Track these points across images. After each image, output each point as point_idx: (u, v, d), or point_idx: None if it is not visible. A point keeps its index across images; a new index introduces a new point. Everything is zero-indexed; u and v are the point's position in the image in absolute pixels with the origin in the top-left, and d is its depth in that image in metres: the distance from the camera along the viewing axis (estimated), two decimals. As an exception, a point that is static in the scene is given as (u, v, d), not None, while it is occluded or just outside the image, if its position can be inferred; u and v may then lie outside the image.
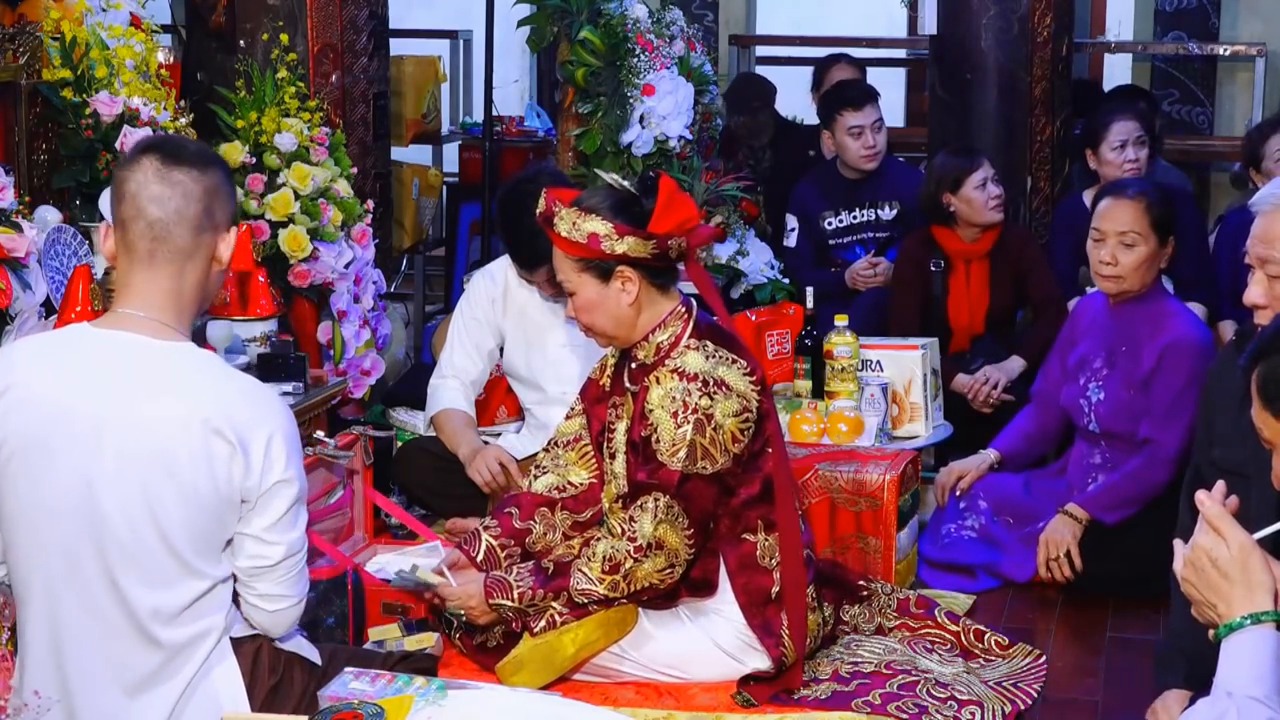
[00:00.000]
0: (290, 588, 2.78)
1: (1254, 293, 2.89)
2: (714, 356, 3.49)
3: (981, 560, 4.40)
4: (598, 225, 3.46)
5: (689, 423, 3.41)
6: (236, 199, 2.84)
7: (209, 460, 2.63)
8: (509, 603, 3.47)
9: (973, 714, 3.44)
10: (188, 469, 2.62)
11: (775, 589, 3.51)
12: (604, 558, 3.44)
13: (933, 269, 5.38)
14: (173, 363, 2.67)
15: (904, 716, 3.42)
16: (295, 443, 2.75)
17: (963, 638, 3.82)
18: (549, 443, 3.85)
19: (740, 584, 3.52)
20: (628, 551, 3.42)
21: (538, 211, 3.53)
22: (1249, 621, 2.20)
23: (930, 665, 3.67)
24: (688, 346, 3.51)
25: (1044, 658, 3.79)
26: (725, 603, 3.54)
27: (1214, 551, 2.25)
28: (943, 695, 3.50)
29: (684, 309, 3.57)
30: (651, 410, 3.45)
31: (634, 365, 3.60)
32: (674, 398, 3.43)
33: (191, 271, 2.72)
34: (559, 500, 3.75)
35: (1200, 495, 2.31)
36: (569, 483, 3.76)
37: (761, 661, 3.51)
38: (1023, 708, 3.54)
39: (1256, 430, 2.38)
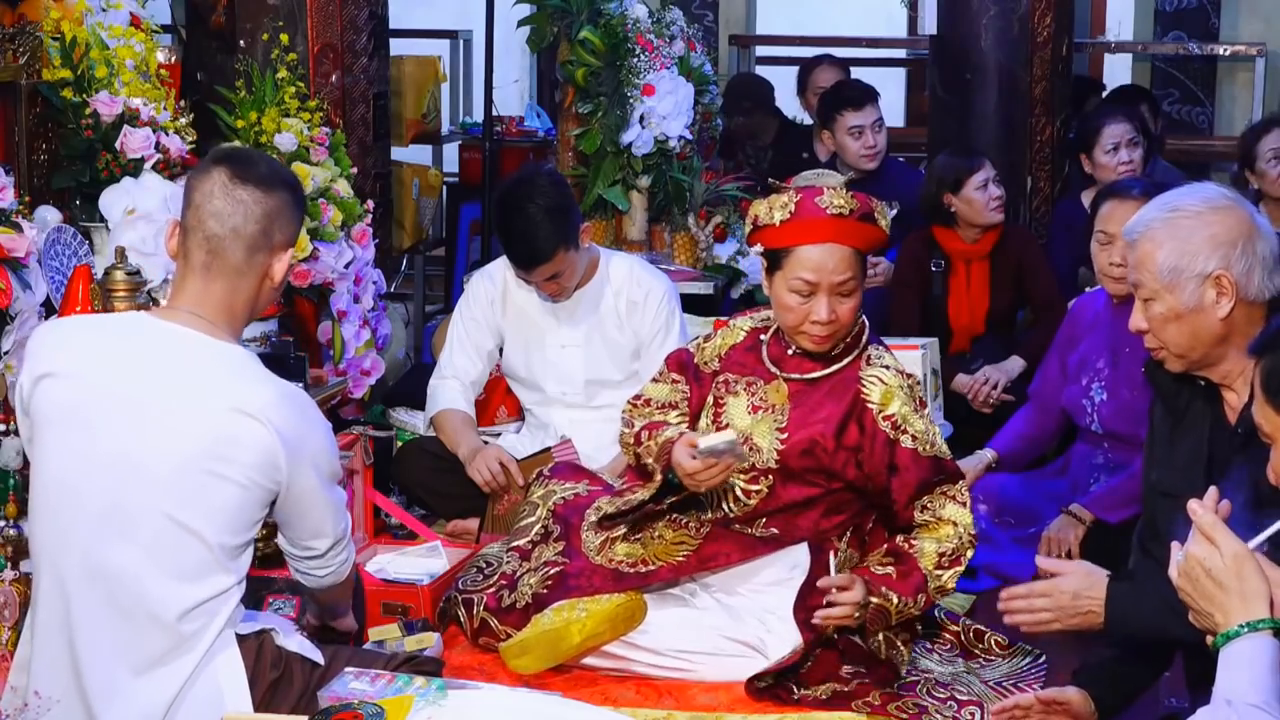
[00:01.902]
0: (336, 564, 2.96)
1: (1135, 319, 2.98)
2: (893, 356, 3.61)
3: (982, 561, 4.40)
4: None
5: (926, 416, 3.52)
6: (302, 219, 2.89)
7: (251, 454, 2.68)
8: (885, 603, 3.43)
9: (972, 714, 3.45)
10: (228, 462, 2.68)
11: None
12: (938, 555, 3.47)
13: (933, 269, 5.38)
14: (221, 358, 2.74)
15: (904, 716, 3.42)
16: (331, 449, 2.84)
17: (963, 638, 3.82)
18: (639, 399, 3.77)
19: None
20: (968, 540, 3.50)
21: (849, 209, 3.42)
22: (1246, 630, 2.21)
23: (930, 665, 3.67)
24: (876, 346, 3.59)
25: (1044, 658, 3.78)
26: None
27: (1208, 561, 2.26)
28: (943, 695, 3.50)
29: None
30: (884, 407, 3.47)
31: (791, 352, 3.58)
32: (906, 393, 3.50)
33: (244, 288, 2.79)
34: None
35: (1193, 504, 2.32)
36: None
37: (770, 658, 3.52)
38: (1023, 708, 3.54)
39: (1257, 425, 2.37)
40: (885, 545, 3.55)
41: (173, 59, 4.79)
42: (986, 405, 5.14)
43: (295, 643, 2.88)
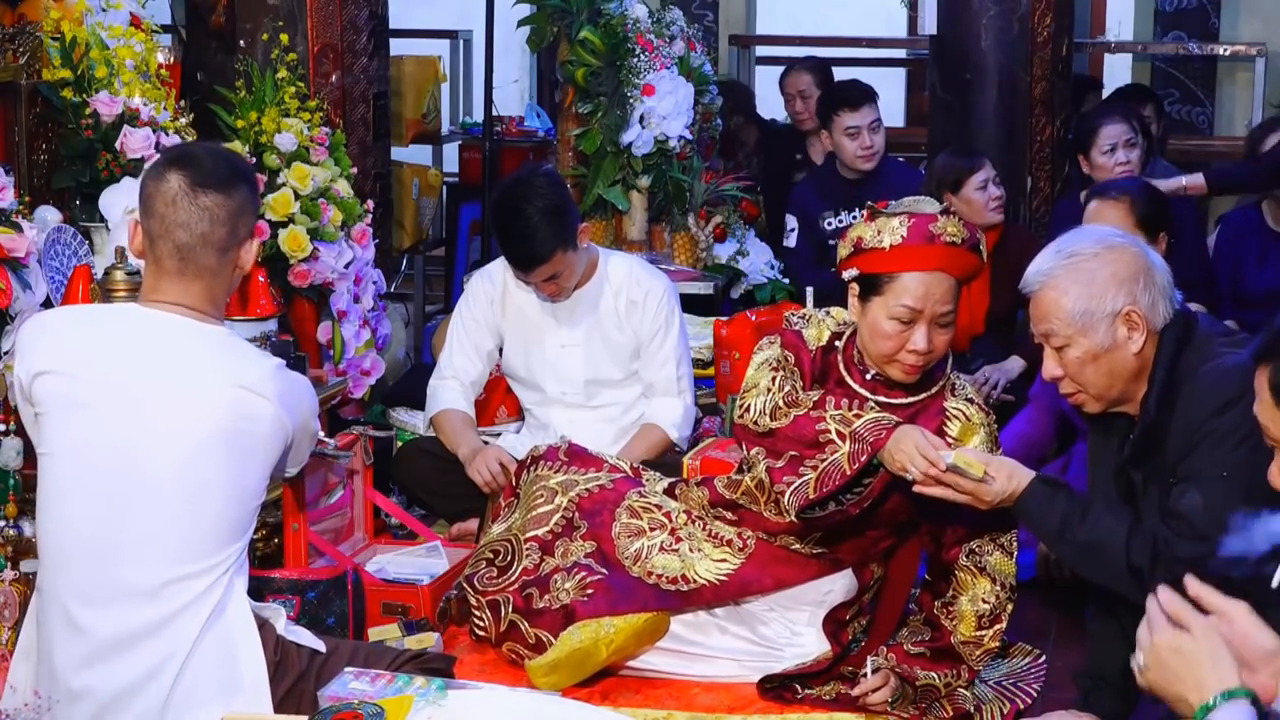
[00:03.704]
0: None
1: (1049, 367, 3.03)
2: (973, 386, 3.54)
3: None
4: None
5: (998, 456, 3.40)
6: (259, 205, 2.94)
7: (263, 425, 2.76)
8: (929, 682, 3.39)
9: (973, 714, 3.44)
10: (242, 434, 2.74)
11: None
12: (977, 616, 3.41)
13: None
14: (214, 341, 2.81)
15: (904, 716, 3.42)
16: (313, 400, 2.99)
17: (963, 638, 3.81)
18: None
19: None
20: (1007, 597, 3.43)
21: (962, 238, 3.29)
22: (1223, 699, 2.18)
23: (931, 665, 3.66)
24: (957, 375, 3.50)
25: (1044, 658, 3.79)
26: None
27: (1180, 643, 2.21)
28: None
29: None
30: (960, 442, 3.37)
31: (869, 375, 3.45)
32: (984, 430, 3.42)
33: (219, 283, 2.86)
34: None
35: (1155, 603, 2.24)
36: None
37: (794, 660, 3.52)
38: (1022, 707, 3.54)
39: (1262, 428, 2.37)
40: (924, 613, 3.49)
41: (173, 59, 4.80)
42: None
43: (294, 633, 2.90)
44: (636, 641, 3.52)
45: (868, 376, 3.44)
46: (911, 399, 3.43)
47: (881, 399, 3.41)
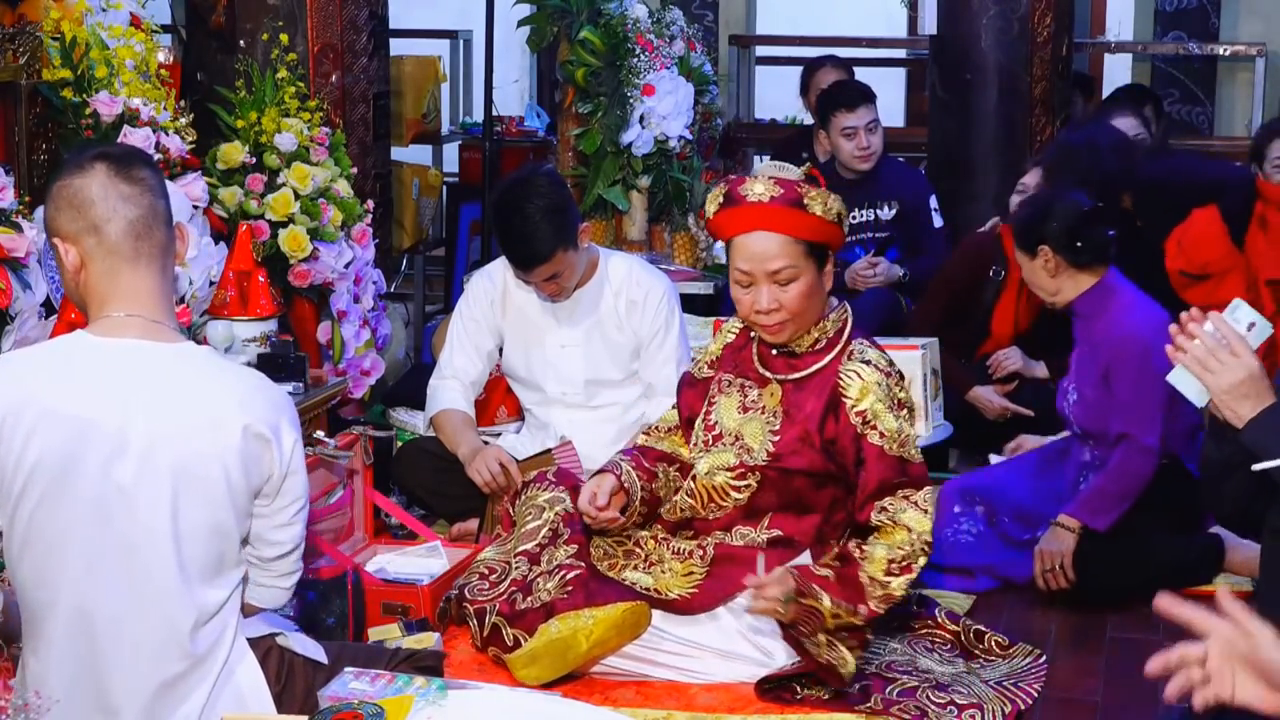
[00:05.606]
0: (297, 564, 2.87)
1: None
2: (882, 354, 3.57)
3: (980, 562, 4.38)
4: (842, 207, 3.50)
5: (903, 416, 3.47)
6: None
7: (238, 456, 2.66)
8: (816, 604, 3.35)
9: (972, 717, 3.43)
10: (215, 468, 2.65)
11: None
12: (888, 561, 3.41)
13: (991, 275, 5.28)
14: (182, 365, 2.69)
15: (905, 718, 3.42)
16: (299, 431, 2.79)
17: (962, 638, 3.81)
18: (648, 427, 3.86)
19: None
20: (921, 548, 3.43)
21: (770, 196, 3.41)
22: None
23: (930, 665, 3.67)
24: (860, 342, 3.56)
25: (1044, 658, 3.78)
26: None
27: (1241, 643, 2.05)
28: (942, 700, 3.49)
29: (837, 302, 3.61)
30: (858, 402, 3.46)
31: (775, 352, 3.59)
32: (884, 390, 3.47)
33: (169, 268, 2.74)
34: (678, 463, 3.74)
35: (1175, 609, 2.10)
36: (679, 453, 3.76)
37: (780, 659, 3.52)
38: (1023, 708, 3.54)
39: None
40: (837, 549, 3.51)
41: (173, 59, 4.79)
42: (990, 412, 5.11)
43: (299, 643, 2.87)
44: (618, 633, 3.52)
45: (774, 352, 3.60)
46: (810, 370, 3.55)
47: (781, 376, 3.57)
